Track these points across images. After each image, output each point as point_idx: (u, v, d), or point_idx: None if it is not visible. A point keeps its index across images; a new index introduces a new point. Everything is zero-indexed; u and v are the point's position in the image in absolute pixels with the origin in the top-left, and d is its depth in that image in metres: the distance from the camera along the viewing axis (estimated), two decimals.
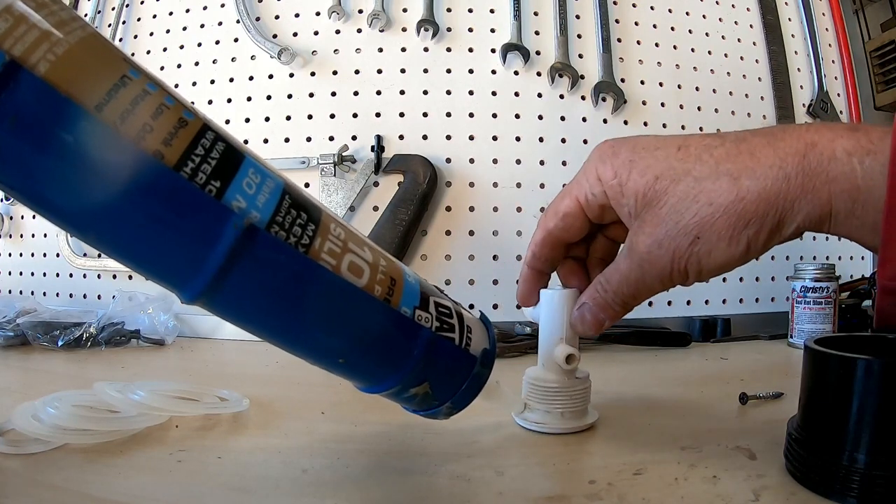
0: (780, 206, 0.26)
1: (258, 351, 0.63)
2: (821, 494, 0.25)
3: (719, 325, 0.70)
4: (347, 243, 0.24)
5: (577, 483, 0.27)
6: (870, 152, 0.24)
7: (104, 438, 0.31)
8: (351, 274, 0.23)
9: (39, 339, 0.60)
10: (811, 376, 0.27)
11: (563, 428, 0.35)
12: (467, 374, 0.28)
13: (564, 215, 0.33)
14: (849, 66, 0.89)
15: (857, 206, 0.24)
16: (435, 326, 0.27)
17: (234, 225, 0.20)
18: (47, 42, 0.17)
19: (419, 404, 0.28)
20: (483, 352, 0.29)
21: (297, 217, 0.22)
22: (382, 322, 0.25)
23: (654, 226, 0.28)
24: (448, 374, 0.28)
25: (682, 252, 0.28)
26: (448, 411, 0.29)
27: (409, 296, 0.26)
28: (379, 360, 0.26)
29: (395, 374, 0.26)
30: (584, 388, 0.36)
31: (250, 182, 0.21)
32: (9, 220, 0.84)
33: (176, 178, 0.19)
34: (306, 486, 0.27)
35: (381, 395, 0.27)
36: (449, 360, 0.27)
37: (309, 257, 0.22)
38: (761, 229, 0.26)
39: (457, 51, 0.74)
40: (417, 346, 0.26)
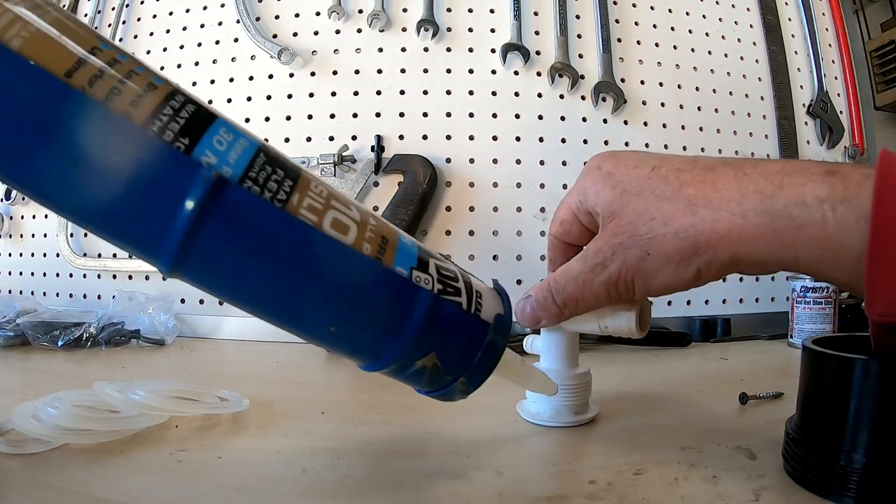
0: (734, 242, 0.25)
1: (258, 351, 0.64)
2: (819, 494, 0.25)
3: (719, 325, 0.70)
4: (330, 200, 0.22)
5: (577, 483, 0.27)
6: (844, 199, 0.23)
7: (104, 438, 0.31)
8: (335, 231, 0.22)
9: (39, 339, 0.60)
10: (809, 376, 0.27)
11: (565, 422, 0.35)
12: (480, 341, 0.26)
13: (562, 221, 0.35)
14: (849, 66, 0.89)
15: (828, 253, 0.23)
16: (437, 289, 0.24)
17: (202, 178, 0.19)
18: (21, 22, 0.18)
19: (430, 381, 0.26)
20: (496, 318, 0.26)
21: (273, 173, 0.21)
22: (374, 282, 0.23)
23: (612, 235, 0.29)
24: (457, 342, 0.25)
25: (631, 264, 0.28)
26: (464, 388, 0.26)
27: (404, 256, 0.24)
28: (374, 326, 0.24)
29: (395, 342, 0.24)
30: (585, 382, 0.36)
31: (221, 140, 0.20)
32: (9, 220, 0.84)
33: (143, 135, 0.19)
34: (306, 486, 0.27)
35: (387, 373, 0.25)
36: (456, 326, 0.25)
37: (286, 212, 0.21)
38: (713, 260, 0.26)
39: (457, 51, 0.74)
40: (417, 310, 0.23)
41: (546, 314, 0.33)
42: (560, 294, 0.32)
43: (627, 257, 0.28)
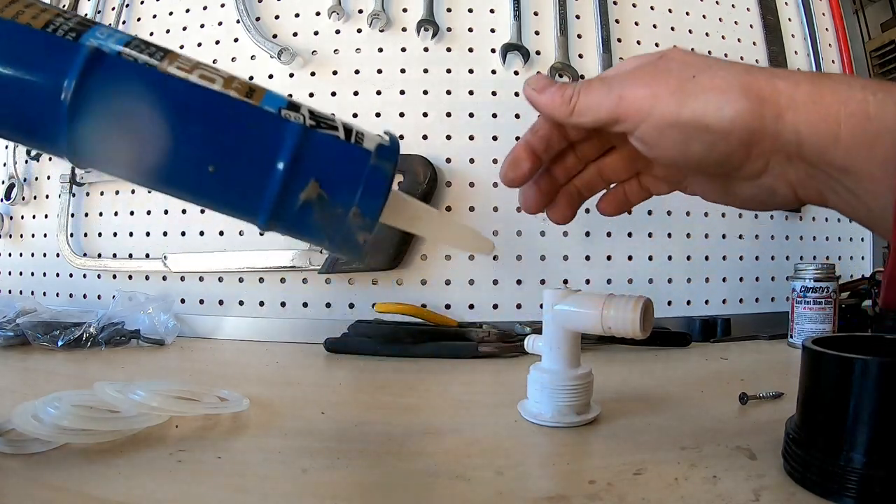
0: (781, 104, 0.25)
1: (258, 351, 0.64)
2: (818, 494, 0.25)
3: (719, 325, 0.70)
4: (198, 65, 0.25)
5: (577, 483, 0.27)
6: (881, 89, 0.24)
7: (104, 438, 0.31)
8: (202, 80, 0.24)
9: (39, 339, 0.60)
10: (809, 376, 0.27)
11: (566, 422, 0.35)
12: (362, 165, 0.26)
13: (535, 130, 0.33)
14: (849, 66, 0.89)
15: (868, 135, 0.23)
16: (309, 124, 0.25)
17: (86, 48, 0.23)
18: None
19: (324, 222, 0.26)
20: (378, 146, 0.27)
21: (146, 48, 0.24)
22: (243, 116, 0.25)
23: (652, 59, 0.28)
24: (337, 169, 0.26)
25: (671, 80, 0.26)
26: (360, 222, 0.26)
27: (272, 99, 0.25)
28: (250, 159, 0.25)
29: (272, 173, 0.24)
30: (587, 382, 0.36)
31: (103, 32, 0.24)
32: (9, 220, 0.84)
33: (39, 33, 0.23)
34: (306, 486, 0.27)
35: (278, 218, 0.26)
36: (333, 153, 0.26)
37: (157, 70, 0.24)
38: (758, 111, 0.25)
39: (457, 51, 0.74)
40: (288, 139, 0.25)
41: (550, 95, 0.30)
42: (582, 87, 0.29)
43: (670, 74, 0.26)
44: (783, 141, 0.25)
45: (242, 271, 0.72)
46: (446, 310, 0.70)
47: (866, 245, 0.87)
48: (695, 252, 0.76)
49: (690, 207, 0.75)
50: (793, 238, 0.81)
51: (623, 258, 0.73)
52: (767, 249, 0.79)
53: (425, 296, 0.70)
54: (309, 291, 0.71)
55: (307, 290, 0.71)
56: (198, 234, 0.75)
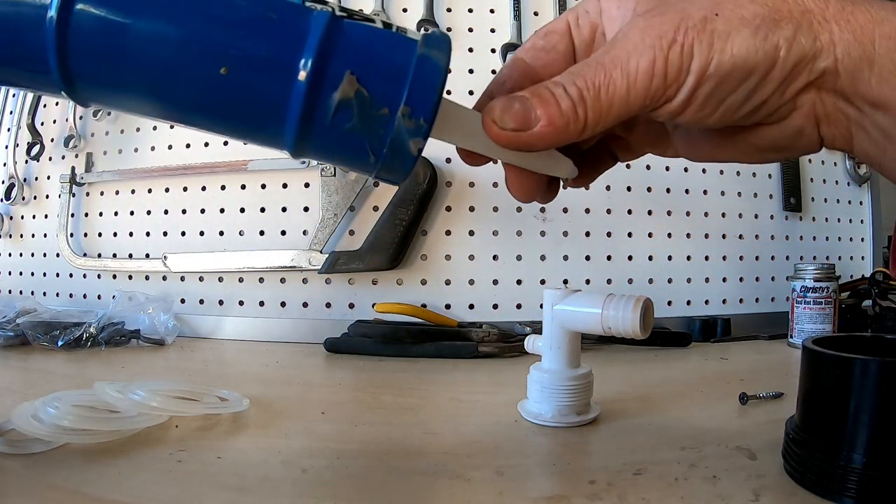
0: (815, 21, 0.21)
1: (258, 351, 0.64)
2: (818, 494, 0.25)
3: (719, 325, 0.70)
4: None
5: (577, 483, 0.27)
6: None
7: (104, 438, 0.31)
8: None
9: (39, 339, 0.60)
10: (809, 376, 0.27)
11: (566, 422, 0.35)
12: (409, 54, 0.21)
13: (547, 32, 0.27)
14: None
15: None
16: (339, 14, 0.21)
17: None
18: None
19: (365, 125, 0.21)
20: (425, 35, 0.22)
21: None
22: (258, 6, 0.21)
23: (661, 5, 0.23)
24: (377, 59, 0.21)
25: (693, 23, 0.21)
26: (413, 125, 0.22)
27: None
28: (269, 56, 0.21)
29: (297, 66, 0.20)
30: (587, 382, 0.36)
31: None
32: (9, 220, 0.84)
33: None
34: (306, 486, 0.27)
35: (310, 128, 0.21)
36: (370, 41, 0.21)
37: None
38: (795, 38, 0.21)
39: (457, 51, 0.74)
40: (314, 27, 0.20)
41: (550, 111, 0.22)
42: (575, 80, 0.22)
43: (687, 16, 0.21)
44: (818, 69, 0.22)
45: (242, 271, 0.72)
46: (446, 310, 0.70)
47: (866, 245, 0.87)
48: (695, 252, 0.76)
49: (690, 207, 0.76)
50: (793, 238, 0.81)
51: (623, 258, 0.73)
52: (767, 249, 0.79)
53: (425, 296, 0.70)
54: (309, 291, 0.71)
55: (307, 290, 0.71)
56: (198, 234, 0.75)
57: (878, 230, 0.87)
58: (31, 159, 0.83)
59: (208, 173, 0.75)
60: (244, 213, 0.74)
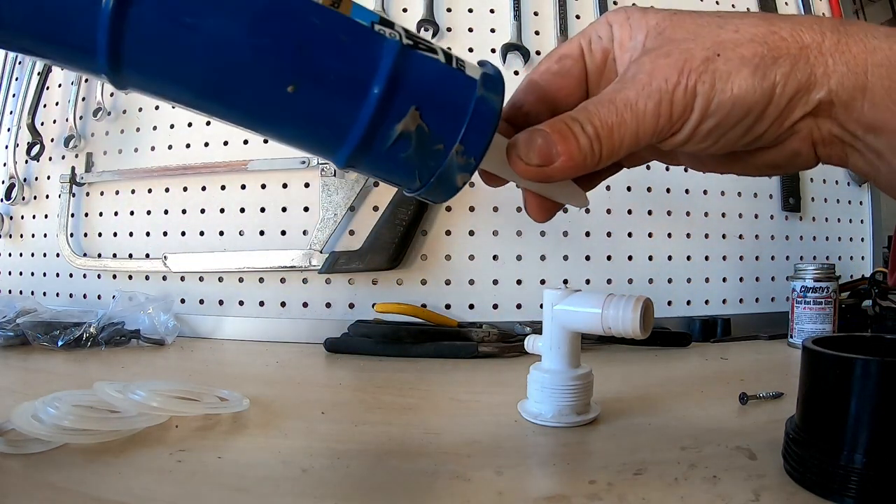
0: (810, 58, 0.23)
1: (258, 351, 0.64)
2: (819, 494, 0.25)
3: (719, 325, 0.70)
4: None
5: (577, 483, 0.27)
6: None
7: (104, 438, 0.31)
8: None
9: (39, 339, 0.60)
10: (809, 376, 0.27)
11: (566, 422, 0.35)
12: (469, 96, 0.22)
13: (561, 56, 0.28)
14: None
15: (894, 83, 0.22)
16: (407, 43, 0.22)
17: None
18: None
19: (420, 158, 0.22)
20: (483, 75, 0.23)
21: None
22: (330, 28, 0.20)
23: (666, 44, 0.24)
24: (440, 97, 0.22)
25: (695, 65, 0.23)
26: (463, 162, 0.22)
27: (363, 12, 0.22)
28: (338, 79, 0.21)
29: (365, 97, 0.21)
30: (587, 382, 0.36)
31: None
32: (9, 220, 0.84)
33: None
34: (306, 486, 0.27)
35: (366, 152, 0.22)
36: (434, 78, 0.22)
37: None
38: (791, 73, 0.23)
39: (457, 51, 0.74)
40: (384, 58, 0.21)
41: (568, 148, 0.24)
42: (590, 120, 0.24)
43: (691, 58, 0.23)
44: (814, 100, 0.23)
45: (242, 271, 0.72)
46: (446, 310, 0.70)
47: (866, 245, 0.87)
48: (695, 252, 0.76)
49: (690, 207, 0.76)
50: (793, 238, 0.81)
51: (623, 258, 0.74)
52: (767, 249, 0.79)
53: (425, 296, 0.70)
54: (309, 291, 0.71)
55: (307, 290, 0.71)
56: (198, 234, 0.75)
57: (878, 230, 0.87)
58: (31, 159, 0.83)
59: (208, 173, 0.75)
60: (244, 213, 0.74)
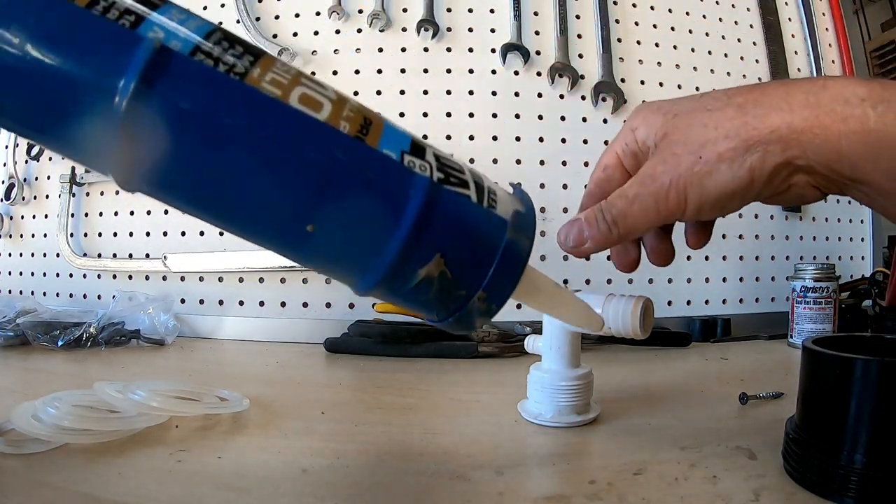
0: (783, 137, 0.26)
1: (258, 351, 0.64)
2: (819, 494, 0.25)
3: (719, 325, 0.70)
4: (300, 77, 0.19)
5: (577, 483, 0.27)
6: (884, 100, 0.24)
7: (104, 438, 0.31)
8: (304, 106, 0.19)
9: (39, 339, 0.60)
10: (809, 376, 0.27)
11: (566, 422, 0.35)
12: (497, 241, 0.21)
13: (605, 167, 0.34)
14: (849, 66, 0.89)
15: (869, 148, 0.24)
16: (437, 177, 0.20)
17: (145, 48, 0.17)
18: None
19: (441, 301, 0.21)
20: (515, 214, 0.22)
21: (230, 48, 0.19)
22: (356, 164, 0.19)
23: (664, 150, 0.29)
24: (468, 241, 0.21)
25: (683, 170, 0.28)
26: (484, 308, 0.21)
27: (393, 138, 0.20)
28: (361, 220, 0.19)
29: (389, 241, 0.19)
30: (587, 382, 0.36)
31: (173, 17, 0.18)
32: (9, 220, 0.84)
33: (86, 14, 0.17)
34: (306, 486, 0.27)
35: (387, 290, 0.21)
36: (465, 220, 0.21)
37: (245, 83, 0.18)
38: (765, 157, 0.26)
39: (457, 51, 0.74)
40: (412, 198, 0.19)
41: (593, 233, 0.30)
42: (610, 211, 0.30)
43: (680, 164, 0.28)
44: (795, 166, 0.26)
45: (242, 271, 0.72)
46: None
47: (866, 245, 0.87)
48: (695, 252, 0.75)
49: None
50: (793, 238, 0.81)
51: None
52: (767, 249, 0.79)
53: None
54: (309, 291, 0.71)
55: (307, 290, 0.71)
56: (198, 234, 0.75)
57: (878, 230, 0.87)
58: (31, 159, 0.83)
59: None
60: None
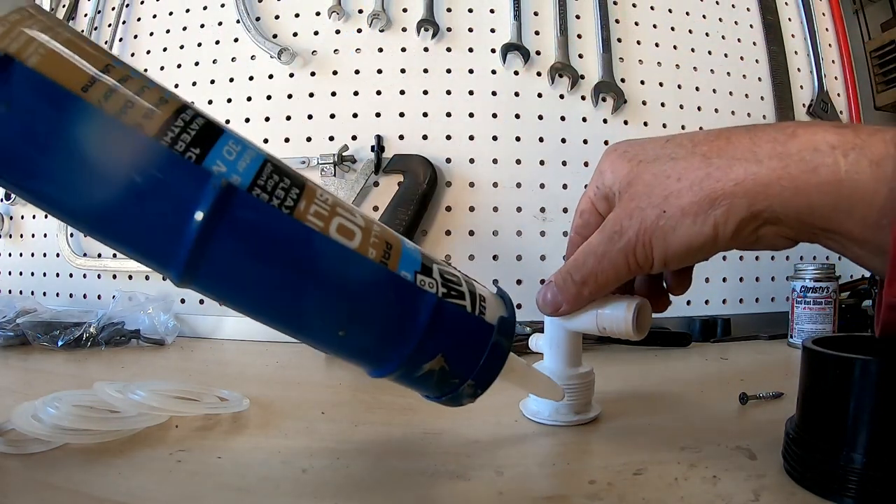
0: (749, 190, 0.25)
1: (258, 351, 0.64)
2: (818, 494, 0.25)
3: (719, 325, 0.70)
4: (336, 208, 0.23)
5: (577, 483, 0.27)
6: (855, 146, 0.23)
7: (104, 438, 0.31)
8: (341, 236, 0.23)
9: (39, 339, 0.60)
10: (809, 376, 0.27)
11: (567, 421, 0.35)
12: (485, 343, 0.26)
13: (581, 212, 0.34)
14: (849, 66, 0.89)
15: (841, 199, 0.23)
16: (441, 293, 0.25)
17: (213, 186, 0.20)
18: (37, 42, 0.19)
19: (437, 386, 0.26)
20: (500, 320, 0.27)
21: (280, 181, 0.22)
22: (380, 286, 0.24)
23: (629, 201, 0.28)
24: (463, 344, 0.26)
25: (648, 225, 0.27)
26: (471, 391, 0.27)
27: (408, 260, 0.25)
28: (383, 329, 0.24)
29: (403, 345, 0.24)
30: (588, 381, 0.36)
31: (230, 150, 0.21)
32: (9, 220, 0.84)
33: (155, 146, 0.20)
34: (306, 486, 0.27)
35: (395, 377, 0.26)
36: (462, 328, 0.26)
37: (294, 218, 0.22)
38: (730, 211, 0.25)
39: (457, 51, 0.74)
40: (423, 313, 0.24)
41: (566, 296, 0.31)
42: (579, 271, 0.30)
43: (644, 218, 0.27)
44: (763, 219, 0.25)
45: None
46: None
47: None
48: None
49: None
50: None
51: None
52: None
53: None
54: None
55: None
56: None
57: None
58: None
59: None
60: None
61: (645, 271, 0.29)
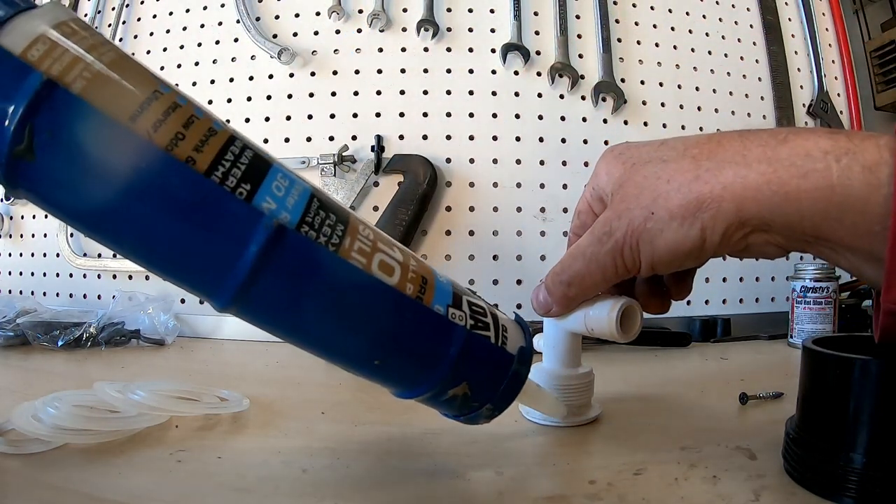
0: (738, 194, 0.24)
1: (258, 351, 0.63)
2: (818, 494, 0.25)
3: (719, 325, 0.70)
4: (377, 243, 0.24)
5: (577, 483, 0.27)
6: (848, 151, 0.22)
7: (104, 438, 0.31)
8: (382, 273, 0.23)
9: (39, 339, 0.60)
10: (809, 376, 0.27)
11: (567, 421, 0.35)
12: (506, 372, 0.27)
13: (578, 213, 0.34)
14: (849, 66, 0.89)
15: (832, 206, 0.23)
16: (469, 325, 0.26)
17: (264, 226, 0.20)
18: (82, 63, 0.18)
19: (459, 408, 0.28)
20: (520, 350, 0.28)
21: (326, 218, 0.22)
22: (416, 320, 0.25)
23: (619, 202, 0.28)
24: (486, 373, 0.27)
25: (636, 226, 0.27)
26: (489, 413, 0.28)
27: (441, 294, 0.26)
28: (415, 360, 0.25)
29: (433, 374, 0.25)
30: (587, 381, 0.36)
31: (279, 186, 0.21)
32: (9, 220, 0.84)
33: (207, 183, 0.20)
34: (306, 486, 0.27)
35: (420, 399, 0.27)
36: (486, 358, 0.27)
37: (340, 256, 0.22)
38: (717, 216, 0.25)
39: (457, 51, 0.74)
40: (453, 345, 0.25)
41: (554, 298, 0.31)
42: (566, 272, 0.30)
43: (632, 219, 0.27)
44: (752, 225, 0.25)
45: None
46: None
47: None
48: None
49: None
50: None
51: None
52: None
53: None
54: None
55: None
56: None
57: None
58: None
59: None
60: None
61: (633, 274, 0.29)
